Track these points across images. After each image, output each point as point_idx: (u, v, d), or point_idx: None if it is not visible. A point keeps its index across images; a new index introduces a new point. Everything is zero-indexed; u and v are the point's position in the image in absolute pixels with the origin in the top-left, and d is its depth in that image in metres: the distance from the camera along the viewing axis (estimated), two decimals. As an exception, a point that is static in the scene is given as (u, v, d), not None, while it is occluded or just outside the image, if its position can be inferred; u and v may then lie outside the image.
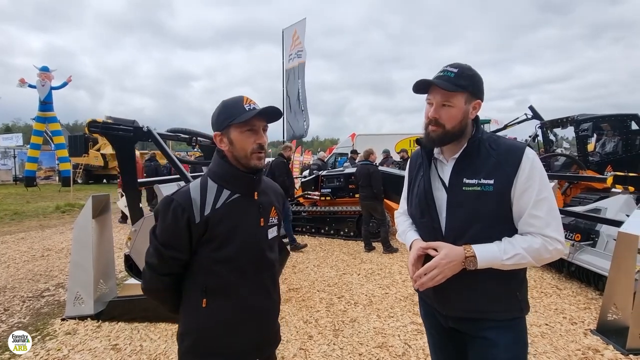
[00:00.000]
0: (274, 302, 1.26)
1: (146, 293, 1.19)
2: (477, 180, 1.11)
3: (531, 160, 1.09)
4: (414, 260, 1.17)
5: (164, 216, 1.10)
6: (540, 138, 7.13)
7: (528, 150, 1.11)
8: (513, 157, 1.10)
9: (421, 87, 1.18)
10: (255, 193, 1.18)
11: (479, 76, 1.16)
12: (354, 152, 11.04)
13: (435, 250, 1.12)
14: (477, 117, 1.20)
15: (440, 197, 1.19)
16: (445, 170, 1.20)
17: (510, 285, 1.15)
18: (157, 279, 1.14)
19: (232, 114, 1.10)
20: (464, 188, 1.13)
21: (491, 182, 1.09)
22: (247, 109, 1.10)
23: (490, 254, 1.07)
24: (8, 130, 49.69)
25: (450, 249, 1.09)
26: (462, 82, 1.11)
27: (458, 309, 1.19)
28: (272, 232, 1.24)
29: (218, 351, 1.13)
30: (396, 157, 10.03)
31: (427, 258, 1.16)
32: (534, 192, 1.07)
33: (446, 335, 1.30)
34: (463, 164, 1.16)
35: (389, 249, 5.50)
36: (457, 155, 1.17)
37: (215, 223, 1.09)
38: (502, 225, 1.12)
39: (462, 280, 1.11)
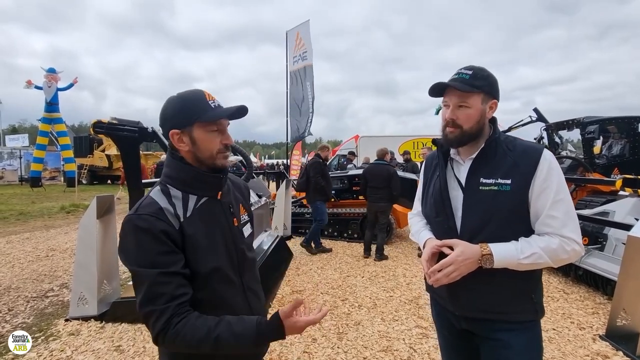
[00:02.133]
0: (262, 301, 1.21)
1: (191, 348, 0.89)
2: (494, 180, 1.11)
3: (549, 161, 1.09)
4: (428, 257, 1.17)
5: (135, 236, 0.91)
6: (545, 140, 7.09)
7: (546, 151, 1.11)
8: (531, 158, 1.10)
9: (437, 90, 1.19)
10: (219, 193, 1.09)
11: (494, 77, 1.17)
12: (352, 153, 11.03)
13: (450, 248, 1.11)
14: (494, 118, 1.20)
15: (456, 196, 1.18)
16: (462, 170, 1.20)
17: (524, 286, 1.14)
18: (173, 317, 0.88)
19: (197, 111, 0.98)
20: (480, 187, 1.12)
21: (508, 182, 1.09)
22: (212, 106, 1.00)
23: (507, 253, 1.06)
24: (14, 131, 50.32)
25: (466, 247, 1.08)
26: (477, 83, 1.13)
27: (471, 309, 1.17)
28: (247, 230, 1.17)
29: None
30: (399, 159, 10.00)
31: (441, 256, 1.15)
32: (552, 193, 1.06)
33: (458, 337, 1.28)
34: (480, 164, 1.15)
35: (381, 257, 5.25)
36: (474, 156, 1.17)
37: (192, 232, 0.97)
38: (517, 225, 1.11)
39: (475, 280, 1.10)
